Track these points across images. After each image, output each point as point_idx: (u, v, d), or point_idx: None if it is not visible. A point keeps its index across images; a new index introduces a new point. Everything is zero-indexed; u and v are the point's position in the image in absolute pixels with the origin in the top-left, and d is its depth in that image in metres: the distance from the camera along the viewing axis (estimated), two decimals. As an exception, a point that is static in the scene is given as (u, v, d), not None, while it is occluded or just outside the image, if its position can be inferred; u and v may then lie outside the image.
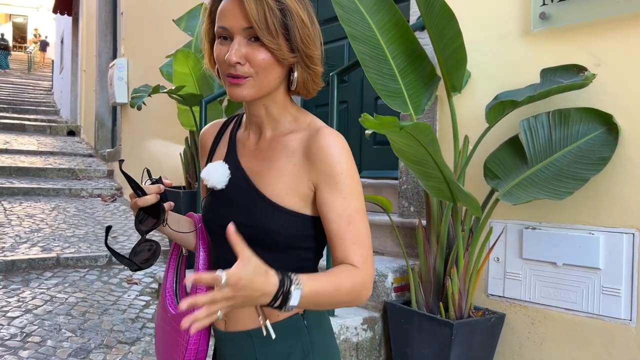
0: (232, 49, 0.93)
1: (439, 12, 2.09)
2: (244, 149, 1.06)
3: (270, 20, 0.92)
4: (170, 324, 1.12)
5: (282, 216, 0.97)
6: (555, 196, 1.99)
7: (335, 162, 0.96)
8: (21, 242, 3.90)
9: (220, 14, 0.96)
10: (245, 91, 0.96)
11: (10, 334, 2.58)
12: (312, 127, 1.01)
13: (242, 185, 1.02)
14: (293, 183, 0.98)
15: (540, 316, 2.18)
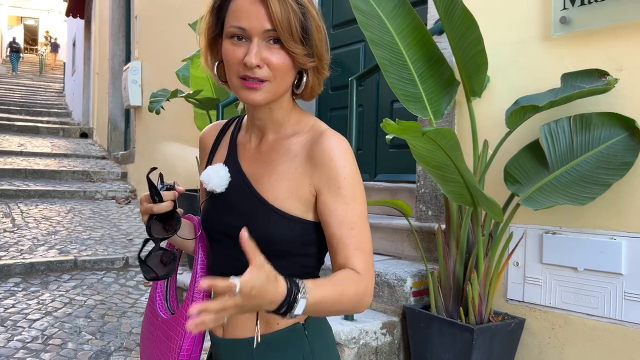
0: (253, 51, 0.89)
1: (460, 17, 2.09)
2: (244, 152, 1.03)
3: (293, 24, 0.90)
4: (161, 329, 1.09)
5: (283, 222, 0.94)
6: (577, 201, 1.98)
7: (338, 166, 0.93)
8: (39, 245, 3.93)
9: (237, 13, 0.91)
10: (262, 96, 0.93)
11: (31, 337, 2.61)
12: (315, 130, 0.98)
13: (243, 189, 0.99)
14: (294, 187, 0.95)
15: (561, 321, 2.18)
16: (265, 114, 0.99)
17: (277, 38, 0.91)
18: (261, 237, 0.92)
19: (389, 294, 2.42)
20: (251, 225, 0.93)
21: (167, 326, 1.07)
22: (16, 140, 8.20)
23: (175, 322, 1.06)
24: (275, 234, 0.94)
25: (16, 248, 3.81)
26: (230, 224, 0.98)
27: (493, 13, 2.42)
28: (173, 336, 1.05)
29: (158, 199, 0.96)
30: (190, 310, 0.72)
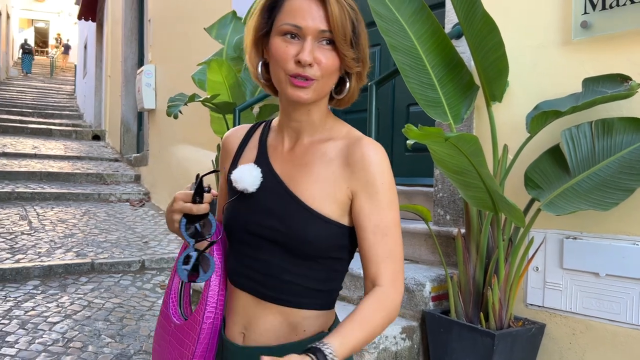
0: (307, 49, 0.91)
1: (480, 21, 2.09)
2: (276, 154, 1.03)
3: (347, 28, 0.93)
4: (173, 335, 1.08)
5: (319, 223, 0.95)
6: (600, 207, 1.97)
7: (377, 172, 0.95)
8: (56, 248, 3.97)
9: (292, 11, 0.93)
10: (310, 94, 0.94)
11: (52, 340, 2.63)
12: (352, 136, 1.00)
13: (276, 190, 0.98)
14: (331, 190, 0.96)
15: (582, 327, 2.17)
16: (303, 115, 1.00)
17: (329, 39, 0.93)
18: (296, 237, 0.94)
19: (408, 299, 2.42)
20: (286, 225, 0.94)
21: (180, 332, 1.05)
22: (30, 143, 8.28)
23: (189, 327, 1.04)
24: (311, 234, 0.94)
25: (34, 251, 3.85)
26: (261, 224, 0.97)
27: (512, 17, 2.42)
28: (186, 342, 1.03)
29: (199, 200, 0.95)
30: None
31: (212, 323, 1.01)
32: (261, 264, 0.98)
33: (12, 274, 3.41)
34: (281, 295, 0.97)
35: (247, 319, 1.00)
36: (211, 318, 1.01)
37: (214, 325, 1.02)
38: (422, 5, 2.26)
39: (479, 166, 1.86)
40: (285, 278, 0.97)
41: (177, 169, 5.38)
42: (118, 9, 8.35)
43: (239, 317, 1.01)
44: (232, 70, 3.25)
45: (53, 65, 23.70)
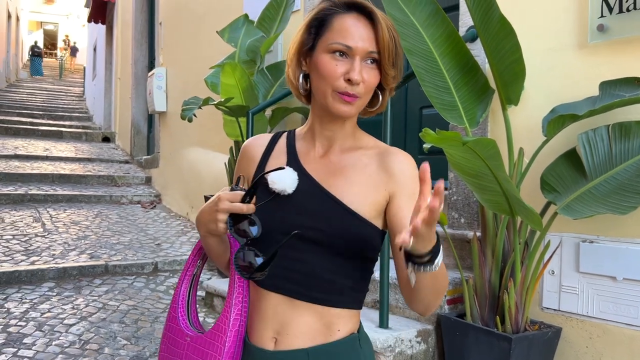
0: (357, 68, 0.97)
1: (497, 25, 2.09)
2: (308, 159, 1.06)
3: (392, 49, 0.99)
4: (190, 348, 1.05)
5: (359, 223, 0.99)
6: (617, 211, 1.97)
7: (413, 177, 1.03)
8: (70, 250, 4.00)
9: (342, 31, 0.98)
10: (353, 110, 1.01)
11: (69, 342, 2.66)
12: (381, 146, 1.08)
13: (313, 192, 1.01)
14: (369, 193, 1.01)
15: (599, 331, 2.16)
16: (338, 126, 1.06)
17: (374, 59, 0.99)
18: (339, 236, 0.98)
19: (423, 302, 2.42)
20: (328, 225, 0.98)
21: (201, 344, 1.03)
22: (41, 145, 8.34)
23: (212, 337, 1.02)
24: (353, 232, 0.98)
25: (48, 253, 3.89)
26: (301, 225, 0.99)
27: (528, 21, 2.42)
28: (209, 353, 1.01)
29: (249, 200, 0.95)
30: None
31: (237, 331, 1.01)
32: (301, 264, 0.99)
33: (28, 276, 3.45)
34: (320, 294, 0.99)
35: (280, 322, 1.01)
36: (237, 326, 1.00)
37: (239, 333, 1.01)
38: (436, 8, 2.27)
39: (496, 170, 1.86)
40: (326, 276, 0.99)
41: (188, 171, 5.40)
42: (128, 12, 8.39)
43: (270, 322, 1.01)
44: (245, 73, 3.27)
45: (62, 67, 23.84)
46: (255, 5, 4.23)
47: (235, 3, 4.54)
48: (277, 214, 1.01)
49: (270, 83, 3.64)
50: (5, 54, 17.01)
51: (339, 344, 1.01)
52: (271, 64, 3.76)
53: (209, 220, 0.97)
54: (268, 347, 1.01)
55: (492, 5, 2.08)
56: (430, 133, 1.67)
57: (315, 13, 1.03)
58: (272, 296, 1.01)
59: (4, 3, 16.58)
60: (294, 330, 0.99)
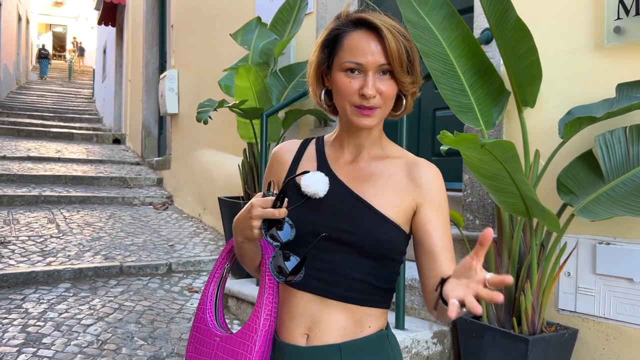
0: (369, 83, 1.01)
1: (513, 27, 2.10)
2: (337, 165, 1.11)
3: (403, 57, 1.02)
4: (220, 348, 1.08)
5: (387, 226, 1.04)
6: (635, 212, 1.97)
7: (439, 188, 1.10)
8: (85, 251, 4.04)
9: (353, 50, 1.03)
10: (374, 121, 1.05)
11: (87, 342, 2.69)
12: (407, 155, 1.13)
13: (344, 196, 1.06)
14: (397, 199, 1.06)
15: (616, 332, 2.16)
16: (365, 133, 1.10)
17: (387, 70, 1.03)
18: (368, 237, 1.02)
19: (439, 303, 2.43)
20: (359, 227, 1.03)
21: (231, 343, 1.06)
22: (53, 147, 8.41)
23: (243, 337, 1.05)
24: (382, 235, 1.03)
25: (64, 254, 3.93)
26: (332, 227, 1.03)
27: (544, 23, 2.42)
28: (240, 352, 1.04)
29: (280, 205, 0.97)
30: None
31: (267, 330, 1.04)
32: (331, 265, 1.04)
33: (44, 277, 3.49)
34: (350, 294, 1.04)
35: (312, 319, 1.04)
36: (267, 326, 1.03)
37: (269, 332, 1.04)
38: (452, 11, 2.28)
39: (514, 172, 1.87)
40: (356, 277, 1.04)
41: (200, 173, 5.44)
42: (139, 15, 8.45)
43: (302, 319, 1.05)
44: (259, 76, 3.29)
45: (71, 69, 24.01)
46: (267, 8, 4.25)
47: (247, 6, 4.57)
48: (309, 217, 1.05)
49: (283, 85, 3.66)
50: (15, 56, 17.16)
51: (370, 339, 1.05)
52: (284, 67, 3.78)
53: (245, 227, 1.00)
54: (300, 343, 1.05)
55: (508, 8, 2.09)
56: (448, 135, 1.68)
57: (326, 34, 1.08)
58: (303, 295, 1.05)
59: (14, 6, 16.72)
60: (326, 326, 1.04)
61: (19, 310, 3.02)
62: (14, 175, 6.00)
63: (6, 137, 8.83)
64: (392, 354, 1.09)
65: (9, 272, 3.41)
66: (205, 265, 4.02)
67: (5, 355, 2.50)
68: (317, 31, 3.80)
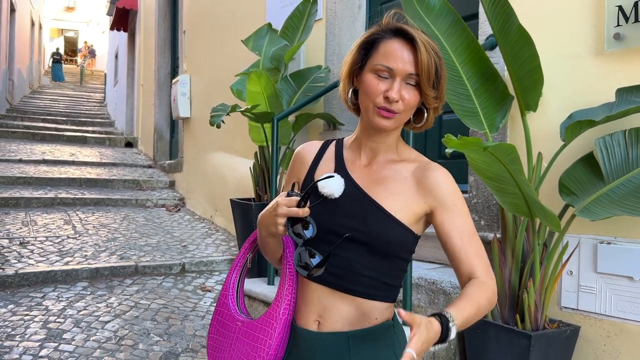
0: (395, 88, 1.08)
1: (515, 34, 2.18)
2: (353, 167, 1.19)
3: (432, 72, 1.09)
4: (242, 332, 1.18)
5: (397, 227, 1.11)
6: (634, 213, 2.04)
7: (452, 190, 1.14)
8: (101, 251, 4.16)
9: (386, 54, 1.10)
10: (392, 124, 1.12)
11: (105, 337, 2.79)
12: (421, 160, 1.18)
13: (358, 197, 1.13)
14: (408, 202, 1.13)
15: (617, 329, 2.23)
16: (382, 138, 1.17)
17: (415, 80, 1.10)
18: (378, 237, 1.10)
19: (445, 301, 2.51)
20: (370, 227, 1.10)
21: (252, 329, 1.16)
22: (67, 150, 8.57)
23: (263, 323, 1.15)
24: (392, 235, 1.10)
25: (80, 254, 4.04)
26: (345, 225, 1.12)
27: (546, 28, 2.50)
28: (260, 337, 1.14)
29: (304, 204, 1.06)
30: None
31: (286, 319, 1.14)
32: (343, 260, 1.12)
33: (63, 276, 3.60)
34: (359, 287, 1.12)
35: (323, 308, 1.14)
36: (286, 314, 1.14)
37: (288, 320, 1.15)
38: (457, 18, 2.36)
39: (516, 173, 1.95)
40: (364, 272, 1.11)
41: (212, 176, 5.54)
42: (151, 20, 8.60)
43: (314, 307, 1.15)
44: (270, 81, 3.39)
45: (83, 73, 24.30)
46: (278, 14, 4.36)
47: (258, 12, 4.67)
48: (323, 215, 1.13)
49: (293, 90, 3.75)
50: (28, 61, 17.43)
51: (376, 329, 1.13)
52: (294, 72, 3.88)
53: (270, 223, 1.10)
54: (312, 328, 1.14)
55: (510, 16, 2.17)
56: (452, 139, 1.76)
57: (366, 36, 1.15)
58: (316, 286, 1.14)
59: (28, 12, 17.00)
60: (335, 316, 1.12)
61: (40, 308, 3.13)
62: (30, 178, 6.15)
63: (21, 141, 9.02)
64: (397, 343, 1.16)
65: (29, 271, 3.53)
66: (217, 265, 4.13)
67: (28, 349, 2.61)
68: (327, 37, 3.90)
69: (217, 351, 1.23)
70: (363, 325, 1.13)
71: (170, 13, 7.98)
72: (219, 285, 3.78)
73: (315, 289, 1.15)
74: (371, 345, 1.13)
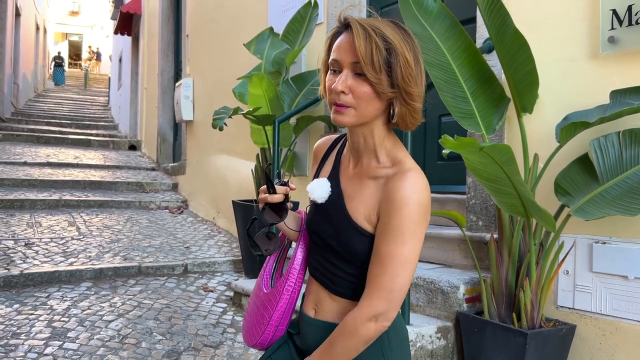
0: (339, 79, 1.06)
1: (511, 38, 2.23)
2: (345, 171, 1.21)
3: (375, 57, 1.02)
4: (260, 301, 1.31)
5: (361, 237, 1.11)
6: (628, 212, 2.08)
7: (401, 204, 1.03)
8: (105, 252, 4.21)
9: (335, 48, 1.09)
10: (346, 119, 1.08)
11: (109, 336, 2.84)
12: (401, 166, 1.09)
13: (337, 205, 1.17)
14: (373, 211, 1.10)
15: (612, 328, 2.26)
16: (359, 139, 1.15)
17: (361, 69, 1.04)
18: (345, 248, 1.15)
19: (443, 301, 2.55)
20: (338, 235, 1.15)
21: (265, 299, 1.30)
22: (71, 153, 8.64)
23: (272, 296, 1.28)
24: (356, 247, 1.12)
25: (84, 255, 4.09)
26: (324, 231, 1.19)
27: (543, 32, 2.54)
28: (267, 307, 1.27)
29: (272, 191, 1.16)
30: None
31: (289, 298, 1.26)
32: (323, 261, 1.21)
33: (67, 276, 3.65)
34: (340, 289, 1.18)
35: (317, 299, 1.24)
36: (289, 292, 1.26)
37: (291, 299, 1.26)
38: (454, 22, 2.41)
39: (511, 174, 1.99)
40: (342, 276, 1.17)
41: (215, 178, 5.60)
42: (154, 24, 8.67)
43: (312, 296, 1.25)
44: (272, 84, 3.44)
45: (87, 77, 24.44)
46: (279, 18, 4.41)
47: (260, 16, 4.73)
48: (313, 218, 1.22)
49: (295, 93, 3.80)
50: (33, 65, 17.55)
51: None
52: (296, 75, 3.93)
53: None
54: (310, 314, 1.24)
55: (506, 20, 2.21)
56: (449, 139, 1.80)
57: (330, 35, 1.13)
58: (313, 280, 1.25)
59: (33, 16, 17.12)
60: (325, 308, 1.21)
61: (44, 307, 3.18)
62: (35, 180, 6.22)
63: (26, 144, 9.09)
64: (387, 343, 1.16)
65: (34, 272, 3.58)
66: (219, 266, 4.17)
67: (33, 347, 2.65)
68: (328, 41, 3.94)
69: (247, 314, 1.38)
70: None
71: (174, 17, 8.05)
72: (221, 286, 3.82)
73: (313, 281, 1.25)
74: None
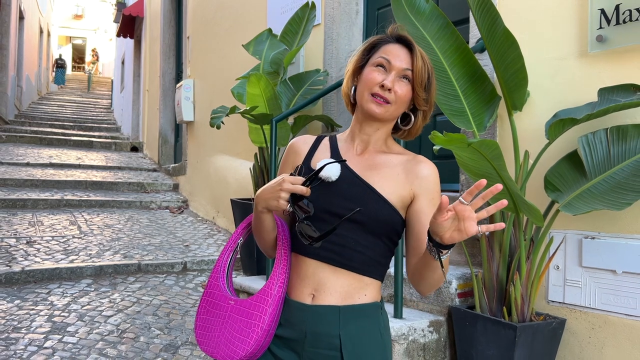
0: (390, 78, 1.23)
1: (501, 37, 2.27)
2: (348, 155, 1.31)
3: (424, 76, 1.27)
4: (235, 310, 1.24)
5: (389, 208, 1.22)
6: (615, 207, 2.12)
7: (435, 183, 1.28)
8: (105, 250, 4.26)
9: (387, 51, 1.26)
10: (383, 111, 1.25)
11: (108, 331, 2.89)
12: (409, 153, 1.31)
13: (353, 181, 1.25)
14: (397, 187, 1.25)
15: (601, 321, 2.30)
16: (372, 130, 1.31)
17: (408, 78, 1.25)
18: (371, 216, 1.22)
19: (435, 295, 2.59)
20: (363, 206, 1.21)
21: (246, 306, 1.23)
22: (74, 154, 8.71)
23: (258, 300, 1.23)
24: (384, 215, 1.22)
25: (85, 252, 4.15)
26: (342, 206, 1.22)
27: (534, 31, 2.59)
28: (255, 313, 1.21)
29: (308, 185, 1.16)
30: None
31: (280, 296, 1.25)
32: (339, 237, 1.23)
33: (68, 273, 3.71)
34: (352, 263, 1.23)
35: (318, 282, 1.23)
36: (280, 292, 1.24)
37: (282, 297, 1.25)
38: (446, 23, 2.45)
39: (500, 169, 2.03)
40: (358, 249, 1.23)
41: (214, 178, 5.65)
42: (156, 27, 8.75)
43: (310, 282, 1.24)
44: (270, 84, 3.49)
45: (90, 80, 24.57)
46: (278, 20, 4.47)
47: (259, 18, 4.79)
48: (321, 197, 1.24)
49: (292, 93, 3.86)
50: (37, 67, 17.67)
51: (365, 307, 1.24)
52: (293, 75, 3.98)
53: (271, 197, 1.18)
54: (306, 301, 1.24)
55: (496, 19, 2.26)
56: (438, 135, 1.85)
57: (371, 40, 1.31)
58: (312, 262, 1.24)
59: (36, 19, 17.25)
60: (330, 289, 1.23)
61: (45, 303, 3.23)
62: (38, 181, 6.28)
63: (29, 145, 9.17)
64: (383, 324, 1.27)
65: (35, 269, 3.64)
66: (218, 265, 4.22)
67: (33, 341, 2.70)
68: (325, 42, 4.00)
69: (206, 331, 1.29)
70: (354, 301, 1.23)
71: (175, 20, 8.13)
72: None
73: (311, 264, 1.24)
74: (360, 321, 1.23)
